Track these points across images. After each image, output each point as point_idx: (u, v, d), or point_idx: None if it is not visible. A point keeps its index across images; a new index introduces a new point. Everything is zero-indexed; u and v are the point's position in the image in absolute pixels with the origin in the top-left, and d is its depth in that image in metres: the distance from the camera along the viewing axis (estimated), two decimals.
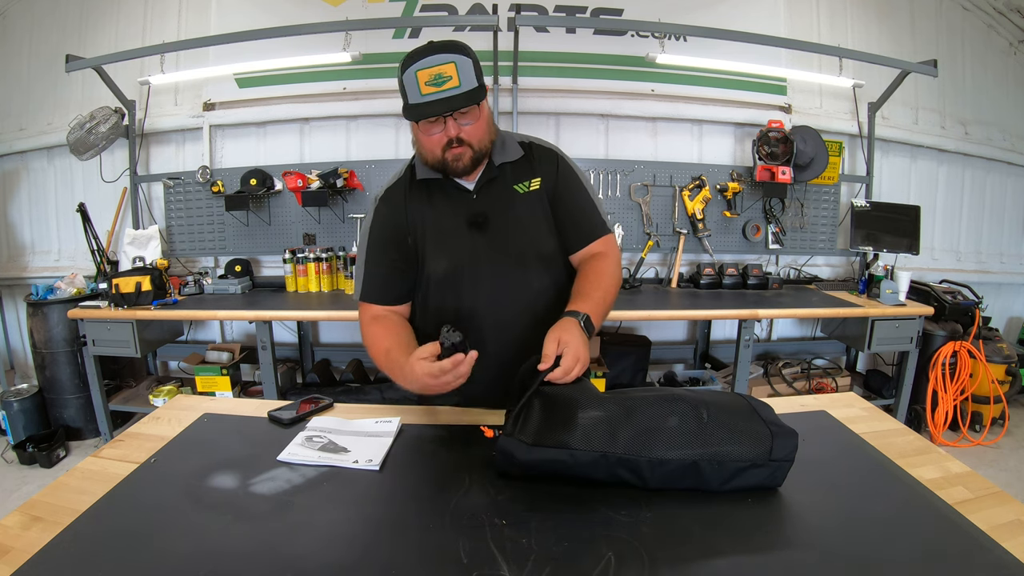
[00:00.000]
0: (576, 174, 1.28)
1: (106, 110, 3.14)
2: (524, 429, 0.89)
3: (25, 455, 2.79)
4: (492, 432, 0.93)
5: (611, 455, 0.85)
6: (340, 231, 3.28)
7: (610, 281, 1.22)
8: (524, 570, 0.69)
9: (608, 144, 3.42)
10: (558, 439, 0.87)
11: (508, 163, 1.24)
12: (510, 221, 1.22)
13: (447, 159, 1.14)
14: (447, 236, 1.22)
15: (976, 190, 3.79)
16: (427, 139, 1.14)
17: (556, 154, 1.28)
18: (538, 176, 1.24)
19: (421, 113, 1.08)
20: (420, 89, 1.06)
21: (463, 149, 1.13)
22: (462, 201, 1.22)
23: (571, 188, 1.26)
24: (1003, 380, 3.08)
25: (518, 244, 1.22)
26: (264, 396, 2.81)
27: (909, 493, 0.88)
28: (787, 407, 1.19)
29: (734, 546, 0.75)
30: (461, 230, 1.21)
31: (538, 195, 1.24)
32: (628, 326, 3.44)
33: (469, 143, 1.13)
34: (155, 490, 0.90)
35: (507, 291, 1.22)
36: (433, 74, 1.05)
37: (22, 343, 3.67)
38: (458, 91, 1.06)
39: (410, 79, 1.06)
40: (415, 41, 3.20)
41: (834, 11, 3.44)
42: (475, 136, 1.14)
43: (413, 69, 1.05)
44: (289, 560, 0.72)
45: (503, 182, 1.23)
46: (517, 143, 1.27)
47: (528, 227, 1.23)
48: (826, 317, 3.27)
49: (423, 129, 1.13)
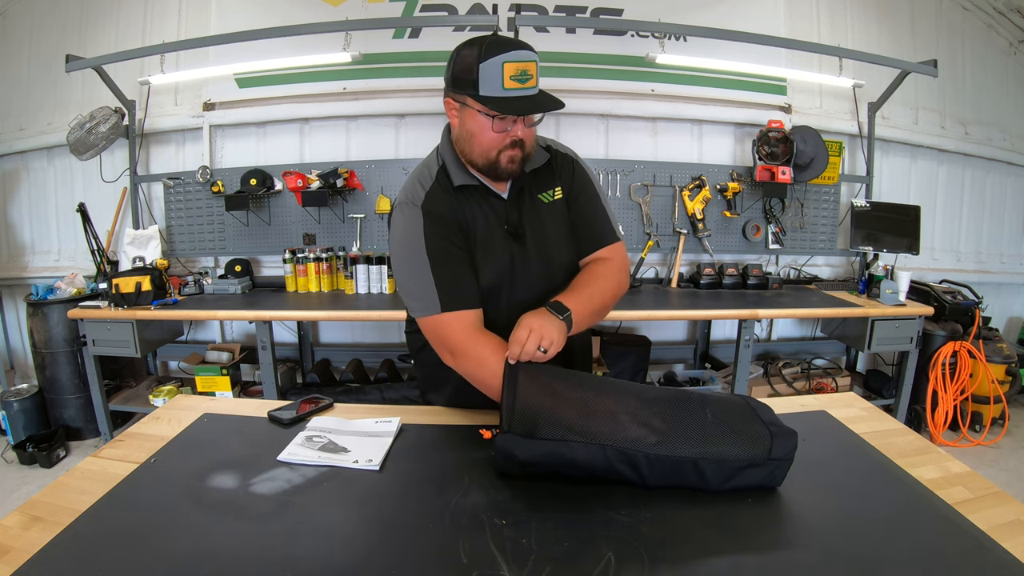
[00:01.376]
0: (591, 181, 1.28)
1: (106, 110, 3.14)
2: (521, 424, 0.89)
3: (25, 455, 2.79)
4: (490, 433, 0.93)
5: (609, 448, 0.85)
6: (340, 231, 3.28)
7: (605, 283, 1.19)
8: (524, 570, 0.69)
9: (608, 144, 3.42)
10: (555, 432, 0.87)
11: (534, 169, 1.22)
12: (538, 233, 1.20)
13: (500, 160, 1.09)
14: (492, 245, 1.17)
15: (976, 190, 3.79)
16: (488, 136, 1.07)
17: (572, 159, 1.27)
18: (559, 185, 1.23)
19: (508, 107, 1.02)
20: (503, 82, 1.00)
21: (518, 152, 1.10)
22: (498, 209, 1.18)
23: (586, 196, 1.25)
24: (1003, 380, 3.08)
25: (546, 256, 1.21)
26: (264, 396, 2.81)
27: (909, 493, 0.88)
28: (787, 407, 1.20)
29: (734, 546, 0.75)
30: (503, 240, 1.17)
31: (560, 206, 1.23)
32: (628, 326, 3.44)
33: (524, 144, 1.10)
34: (155, 490, 0.90)
35: (535, 303, 1.17)
36: (520, 69, 1.00)
37: (22, 343, 3.67)
38: (535, 91, 1.03)
39: (494, 68, 1.00)
40: (415, 41, 3.20)
41: (834, 11, 3.44)
42: (530, 140, 1.11)
43: (500, 59, 1.00)
44: (289, 560, 0.72)
45: (529, 191, 1.21)
46: (539, 147, 1.24)
47: (555, 239, 1.22)
48: (826, 317, 3.26)
49: (492, 126, 1.06)
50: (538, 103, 1.03)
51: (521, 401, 0.91)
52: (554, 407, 0.90)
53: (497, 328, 1.13)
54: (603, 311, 1.20)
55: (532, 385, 0.94)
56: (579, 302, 1.11)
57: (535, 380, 0.95)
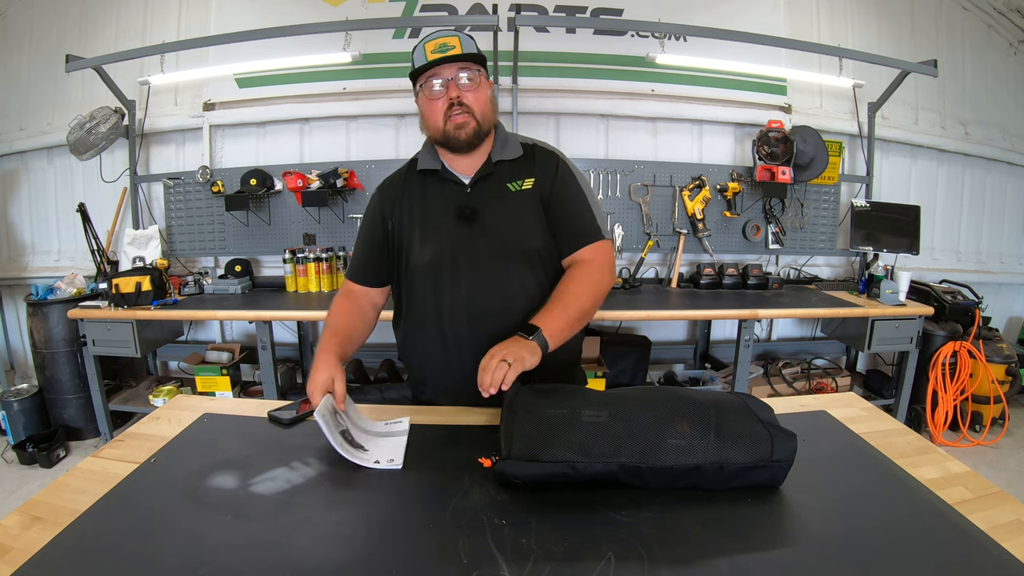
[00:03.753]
0: (575, 178, 1.27)
1: (106, 110, 3.14)
2: (521, 448, 0.87)
3: (25, 455, 2.79)
4: (489, 461, 0.93)
5: (613, 463, 0.85)
6: (340, 231, 3.28)
7: (580, 288, 1.18)
8: (524, 570, 0.69)
9: (608, 144, 3.41)
10: (558, 455, 0.85)
11: (505, 161, 1.24)
12: (497, 217, 1.22)
13: (449, 129, 1.17)
14: (434, 226, 1.24)
15: (976, 190, 3.79)
16: (430, 107, 1.19)
17: (557, 157, 1.28)
18: (533, 177, 1.24)
19: (424, 68, 1.16)
20: (426, 57, 1.16)
21: (465, 117, 1.17)
22: (455, 194, 1.24)
23: (567, 191, 1.25)
24: (1003, 380, 3.07)
25: (501, 240, 1.21)
26: (264, 396, 2.81)
27: (909, 493, 0.88)
28: (787, 407, 1.19)
29: (734, 546, 0.75)
30: (449, 221, 1.23)
31: (529, 195, 1.24)
32: (628, 326, 3.44)
33: (470, 109, 1.17)
34: (155, 490, 0.90)
35: (486, 285, 1.21)
36: (438, 43, 1.15)
37: (22, 343, 3.67)
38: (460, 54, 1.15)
39: (419, 52, 1.17)
40: (415, 41, 3.19)
41: (834, 11, 3.44)
42: (477, 104, 1.18)
43: (421, 43, 1.17)
44: (289, 560, 0.72)
45: (497, 179, 1.24)
46: (519, 143, 1.27)
47: (514, 224, 1.22)
48: (826, 317, 3.26)
49: (427, 97, 1.18)
50: (455, 59, 1.14)
51: (520, 428, 0.90)
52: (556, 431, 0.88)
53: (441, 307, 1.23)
54: (582, 317, 1.18)
55: (529, 414, 0.93)
56: (551, 317, 1.12)
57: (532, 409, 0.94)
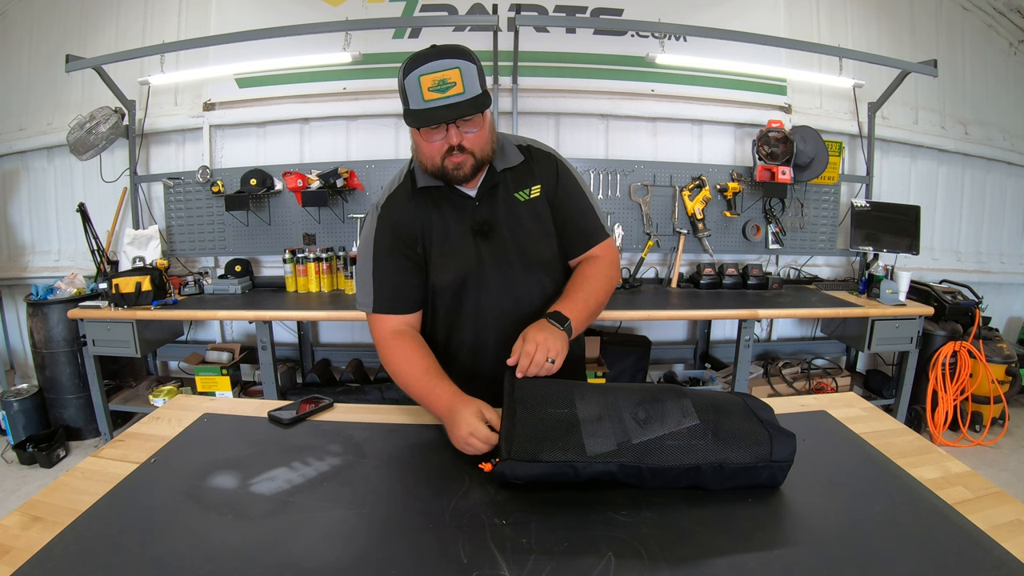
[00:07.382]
0: (575, 179, 1.28)
1: (106, 110, 3.14)
2: (520, 447, 0.87)
3: (25, 455, 2.79)
4: (490, 466, 0.92)
5: (613, 463, 0.85)
6: (340, 231, 3.28)
7: (597, 283, 1.22)
8: (524, 570, 0.69)
9: (608, 144, 3.41)
10: (558, 454, 0.85)
11: (508, 169, 1.22)
12: (513, 229, 1.21)
13: (447, 167, 1.11)
14: (452, 245, 1.20)
15: (976, 190, 3.79)
16: (427, 146, 1.09)
17: (555, 159, 1.27)
18: (538, 183, 1.24)
19: (424, 120, 1.03)
20: (423, 95, 1.01)
21: (464, 158, 1.10)
22: (465, 208, 1.20)
23: (570, 194, 1.26)
24: (1003, 380, 3.07)
25: (522, 252, 1.21)
26: (264, 396, 2.81)
27: (909, 493, 0.88)
28: (787, 407, 1.20)
29: (734, 546, 0.75)
30: (466, 239, 1.20)
31: (538, 203, 1.24)
32: (628, 326, 3.44)
33: (471, 151, 1.10)
34: (155, 490, 0.90)
35: (511, 298, 1.22)
36: (437, 79, 1.00)
37: (22, 343, 3.67)
38: (462, 98, 1.01)
39: (412, 84, 1.01)
40: (415, 41, 3.20)
41: (834, 11, 3.44)
42: (477, 144, 1.10)
43: (416, 74, 1.01)
44: (289, 560, 0.72)
45: (504, 189, 1.22)
46: (515, 147, 1.25)
47: (530, 235, 1.22)
48: (826, 317, 3.27)
49: (424, 136, 1.08)
50: (455, 111, 1.02)
51: (520, 429, 0.90)
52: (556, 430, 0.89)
53: (466, 324, 1.22)
54: (598, 310, 1.22)
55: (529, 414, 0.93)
56: (575, 307, 1.15)
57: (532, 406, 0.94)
